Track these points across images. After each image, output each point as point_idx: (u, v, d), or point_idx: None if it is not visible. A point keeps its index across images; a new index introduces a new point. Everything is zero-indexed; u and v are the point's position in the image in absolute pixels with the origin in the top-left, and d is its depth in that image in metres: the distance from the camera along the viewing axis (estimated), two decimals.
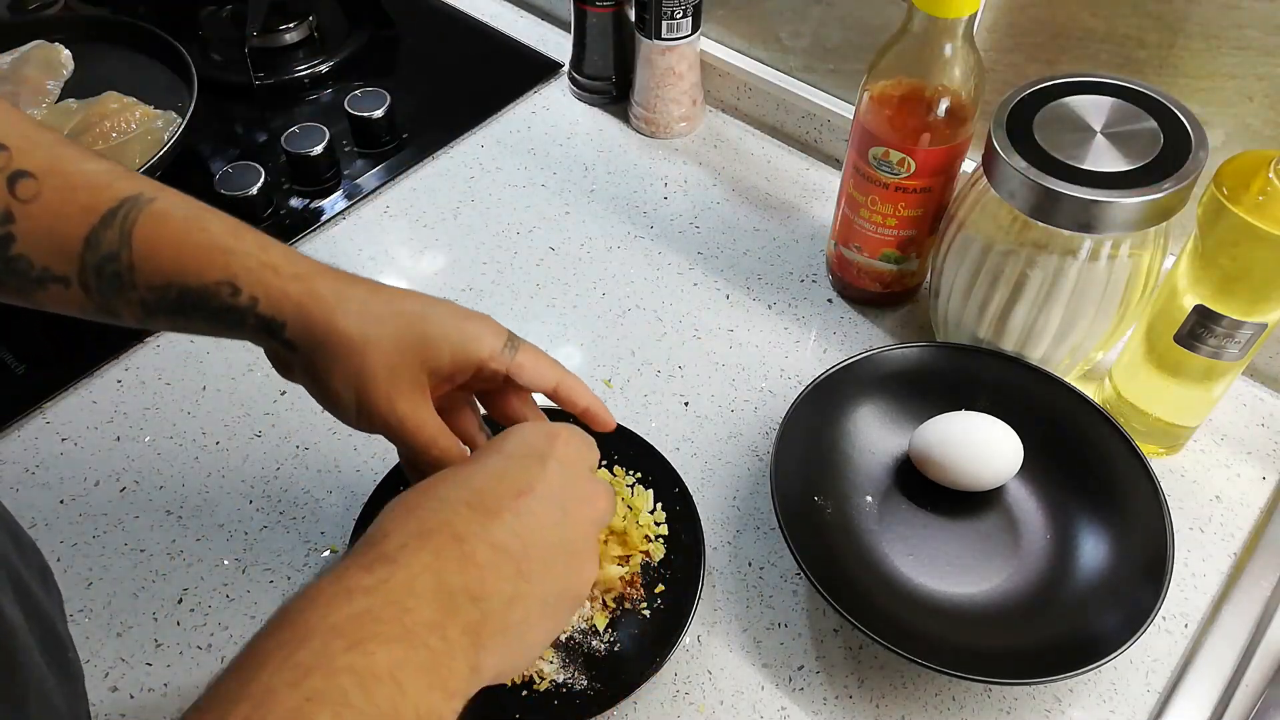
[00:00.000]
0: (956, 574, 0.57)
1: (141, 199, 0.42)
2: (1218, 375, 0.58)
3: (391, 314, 0.44)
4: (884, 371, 0.63)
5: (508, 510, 0.38)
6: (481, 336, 0.46)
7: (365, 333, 0.43)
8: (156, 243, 0.41)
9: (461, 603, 0.35)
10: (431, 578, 0.35)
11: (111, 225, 0.41)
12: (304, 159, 0.81)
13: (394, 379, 0.43)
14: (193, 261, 0.42)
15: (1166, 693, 0.55)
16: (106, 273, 0.41)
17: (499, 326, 0.47)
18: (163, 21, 0.90)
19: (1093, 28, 0.64)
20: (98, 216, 0.41)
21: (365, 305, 0.43)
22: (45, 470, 0.65)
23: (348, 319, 0.42)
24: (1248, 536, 0.61)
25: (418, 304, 0.45)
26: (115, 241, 0.41)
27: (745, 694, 0.55)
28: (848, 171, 0.66)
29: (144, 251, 0.41)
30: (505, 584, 0.36)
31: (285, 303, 0.42)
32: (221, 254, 0.42)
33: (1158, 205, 0.53)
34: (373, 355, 0.43)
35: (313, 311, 0.42)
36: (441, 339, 0.44)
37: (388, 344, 0.43)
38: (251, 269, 0.42)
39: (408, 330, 0.44)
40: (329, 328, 0.42)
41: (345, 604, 0.33)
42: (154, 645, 0.57)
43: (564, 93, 0.91)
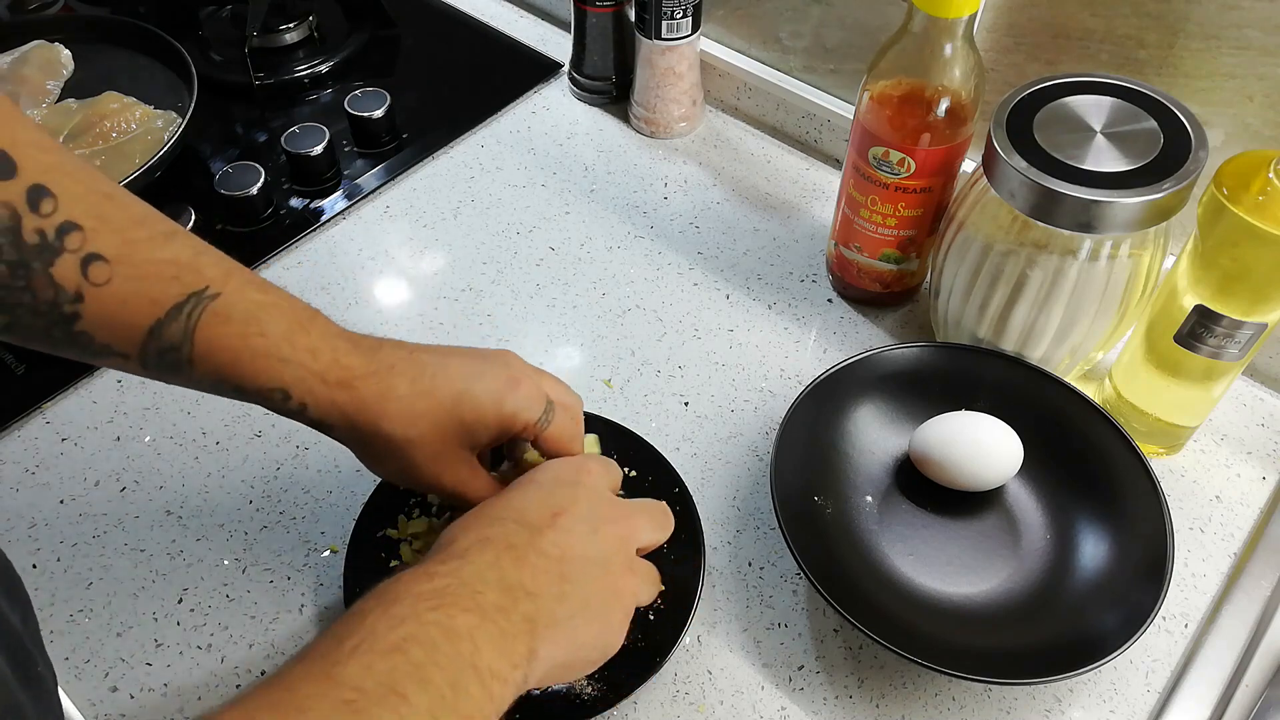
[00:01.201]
0: (956, 574, 0.57)
1: (206, 295, 0.43)
2: (1218, 375, 0.58)
3: (432, 411, 0.47)
4: (884, 371, 0.63)
5: (548, 527, 0.45)
6: (518, 415, 0.49)
7: (409, 434, 0.47)
8: (216, 343, 0.43)
9: (519, 595, 0.41)
10: (495, 572, 0.42)
11: (176, 320, 0.43)
12: (304, 159, 0.81)
13: (439, 464, 0.48)
14: (249, 368, 0.44)
15: (1166, 693, 0.55)
16: (166, 361, 0.43)
17: (538, 396, 0.50)
18: (163, 21, 0.90)
19: (1093, 28, 0.64)
20: (164, 310, 0.42)
21: (408, 406, 0.47)
22: (45, 470, 0.65)
23: (392, 425, 0.47)
24: (1248, 536, 0.61)
25: (459, 389, 0.48)
26: (178, 337, 0.43)
27: (745, 694, 0.55)
28: (848, 171, 0.66)
29: (204, 350, 0.43)
30: (552, 583, 0.43)
31: (332, 409, 0.46)
32: (276, 362, 0.44)
33: (1158, 205, 0.53)
34: (417, 451, 0.48)
35: (358, 418, 0.46)
36: (480, 423, 0.49)
37: (431, 438, 0.48)
38: (303, 379, 0.45)
39: (449, 420, 0.48)
40: (374, 432, 0.47)
41: (427, 581, 0.40)
42: (154, 645, 0.57)
43: (564, 93, 0.92)
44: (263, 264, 0.77)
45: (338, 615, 0.57)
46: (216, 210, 0.79)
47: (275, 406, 0.46)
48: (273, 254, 0.78)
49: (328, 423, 0.47)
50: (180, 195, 0.79)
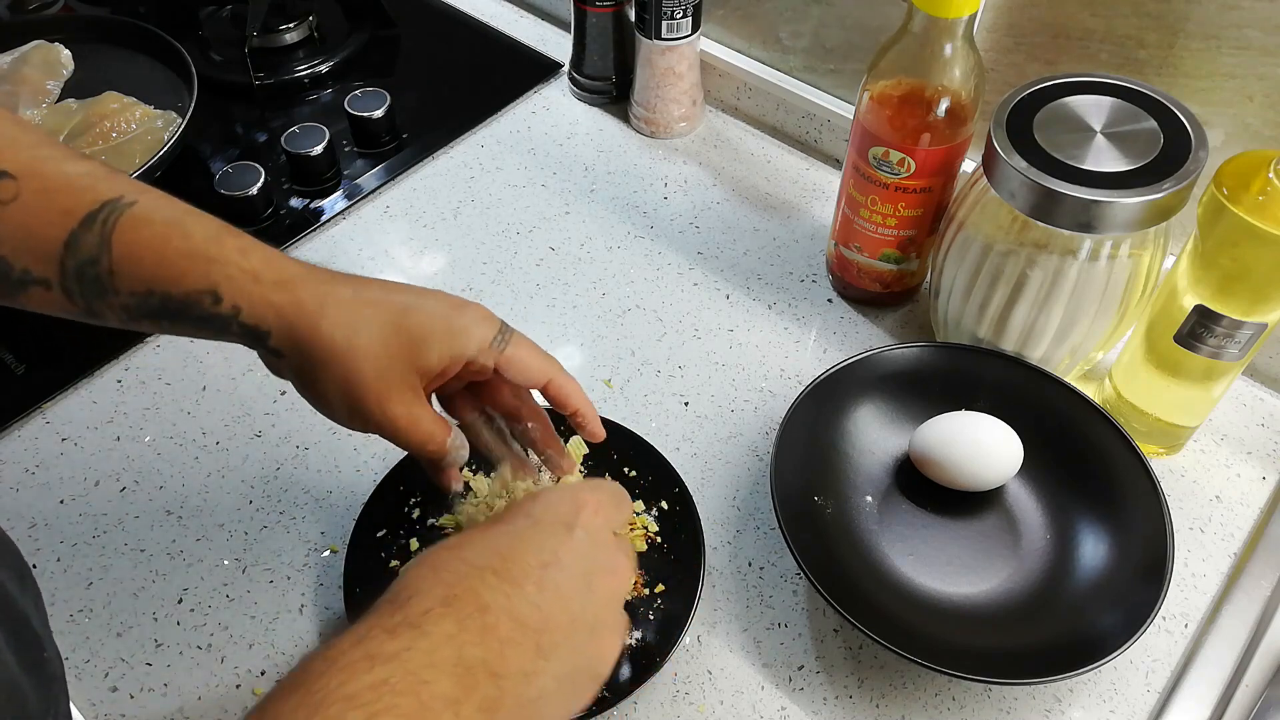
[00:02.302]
0: (956, 574, 0.57)
1: (121, 202, 0.41)
2: (1218, 375, 0.58)
3: (377, 316, 0.43)
4: (884, 371, 0.63)
5: (532, 581, 0.38)
6: (469, 330, 0.45)
7: (351, 339, 0.42)
8: (136, 248, 0.41)
9: (480, 678, 0.35)
10: (452, 650, 0.34)
11: (91, 229, 0.40)
12: (304, 159, 0.81)
13: (383, 382, 0.43)
14: (173, 269, 0.41)
15: (1166, 693, 0.55)
16: (87, 277, 0.41)
17: (490, 317, 0.47)
18: (163, 21, 0.90)
19: (1093, 28, 0.64)
20: (77, 220, 0.40)
21: (350, 311, 0.43)
22: (45, 470, 0.65)
23: (333, 326, 0.42)
24: (1248, 536, 0.61)
25: (404, 299, 0.44)
26: (95, 246, 0.40)
27: (745, 694, 0.55)
28: (848, 171, 0.66)
29: (124, 257, 0.41)
30: (525, 659, 0.36)
31: (268, 311, 0.42)
32: (203, 261, 0.41)
33: (1158, 205, 0.53)
34: (360, 361, 0.42)
35: (296, 320, 0.42)
36: (429, 336, 0.44)
37: (375, 348, 0.43)
38: (233, 277, 0.41)
39: (394, 332, 0.43)
40: (314, 336, 0.42)
41: (365, 672, 0.33)
42: (154, 645, 0.57)
43: (564, 93, 0.92)
44: None
45: (337, 615, 0.57)
46: (216, 210, 0.78)
47: (206, 317, 0.42)
48: None
49: (262, 328, 0.42)
50: (180, 195, 0.78)
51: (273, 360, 0.44)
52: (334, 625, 0.57)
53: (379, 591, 0.55)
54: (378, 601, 0.37)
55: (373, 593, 0.55)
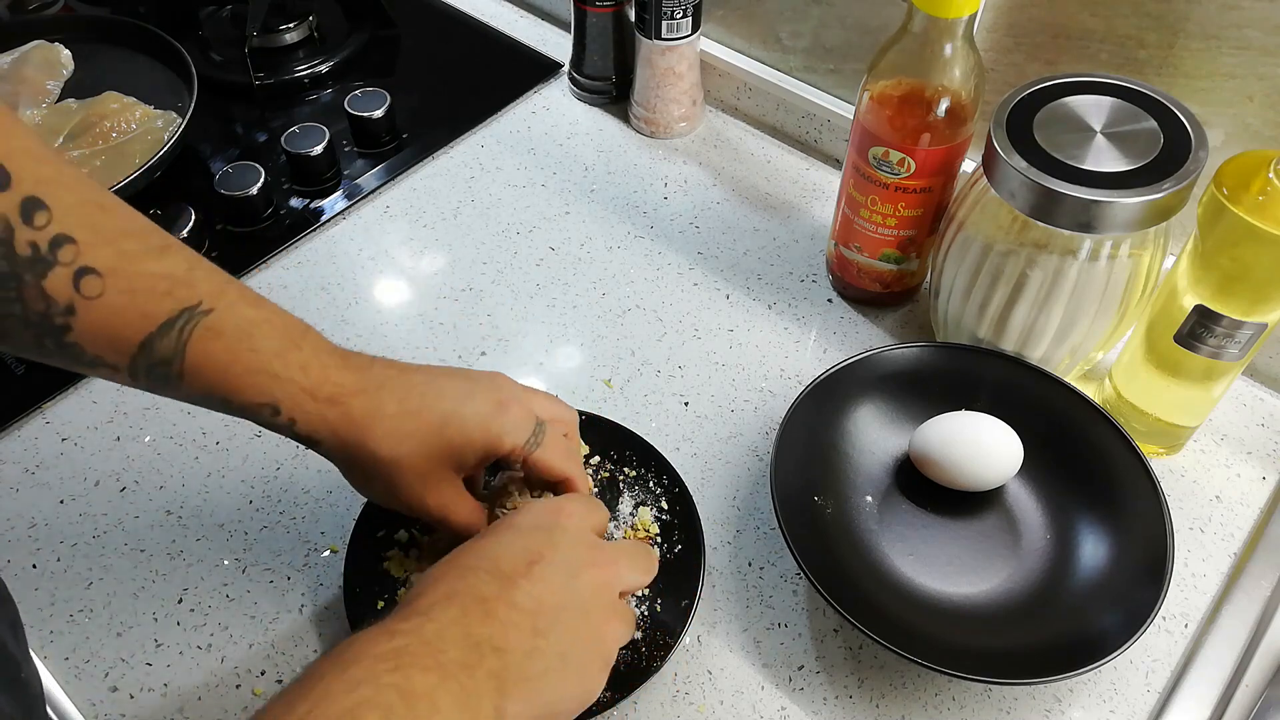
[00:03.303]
0: (956, 574, 0.57)
1: (198, 311, 0.43)
2: (1218, 375, 0.58)
3: (420, 430, 0.47)
4: (884, 371, 0.63)
5: (523, 576, 0.43)
6: (505, 436, 0.49)
7: (395, 452, 0.47)
8: (207, 359, 0.43)
9: (486, 651, 0.39)
10: (459, 629, 0.40)
11: (168, 335, 0.42)
12: (304, 159, 0.81)
13: (423, 484, 0.48)
14: (239, 382, 0.44)
15: (1166, 693, 0.55)
16: (156, 375, 0.43)
17: (529, 418, 0.50)
18: (163, 21, 0.90)
19: (1093, 28, 0.64)
20: (155, 325, 0.42)
21: (396, 425, 0.47)
22: (45, 470, 0.65)
23: (379, 442, 0.46)
24: (1248, 536, 0.61)
25: (447, 408, 0.48)
26: (169, 351, 0.43)
27: (745, 694, 0.55)
28: (848, 171, 0.66)
29: (195, 365, 0.43)
30: (524, 638, 0.41)
31: (321, 425, 0.46)
32: (266, 378, 0.44)
33: (1158, 205, 0.53)
34: (404, 471, 0.47)
35: (346, 436, 0.46)
36: (468, 446, 0.48)
37: (418, 459, 0.47)
38: (292, 395, 0.45)
39: (437, 442, 0.47)
40: (362, 449, 0.47)
41: (387, 640, 0.38)
42: (154, 645, 0.57)
43: (564, 93, 0.92)
44: (262, 264, 0.77)
45: (337, 615, 0.57)
46: (216, 210, 0.79)
47: (264, 421, 0.46)
48: (273, 254, 0.77)
49: (315, 438, 0.46)
50: (180, 195, 0.79)
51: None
52: (334, 625, 0.57)
53: (379, 591, 0.56)
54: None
55: (373, 593, 0.55)
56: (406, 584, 0.56)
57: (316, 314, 0.73)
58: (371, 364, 0.48)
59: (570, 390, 0.69)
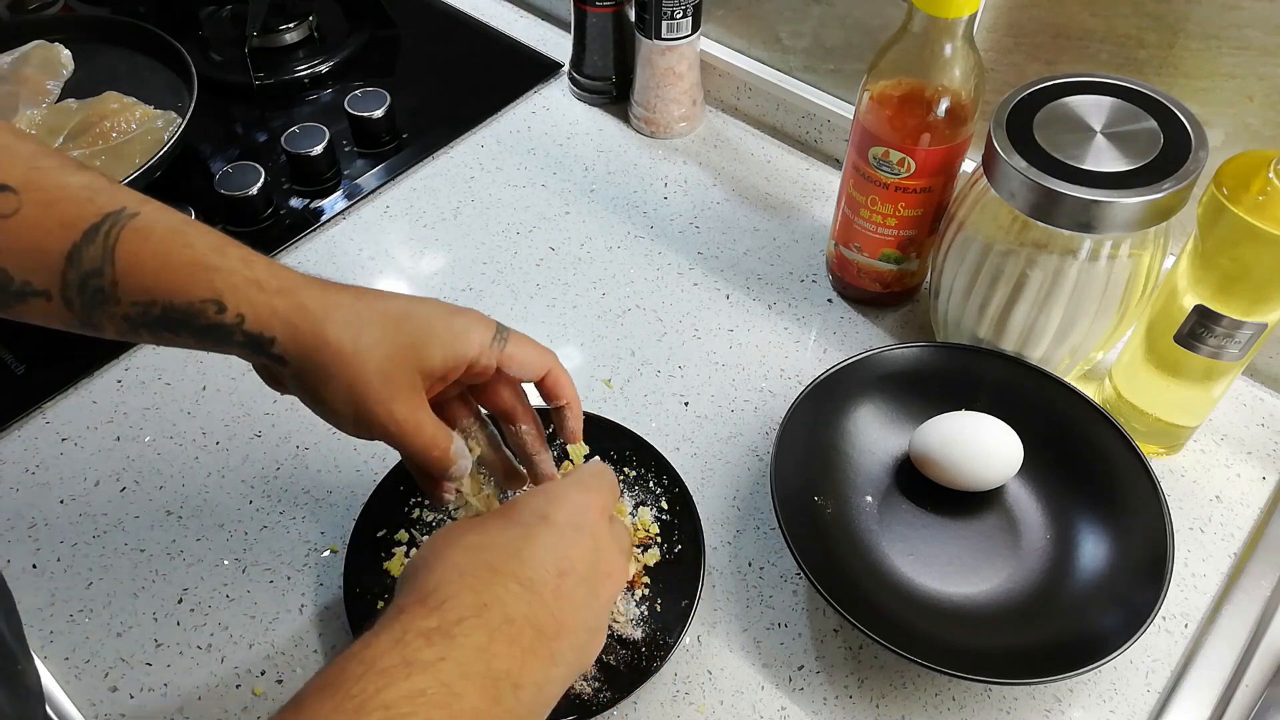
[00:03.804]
0: (956, 574, 0.57)
1: (124, 214, 0.41)
2: (1218, 375, 0.58)
3: (380, 320, 0.44)
4: (884, 371, 0.63)
5: (550, 590, 0.40)
6: (469, 331, 0.46)
7: (356, 342, 0.43)
8: (140, 259, 0.41)
9: (504, 689, 0.37)
10: (483, 663, 0.37)
11: (94, 241, 0.40)
12: (304, 159, 0.81)
13: (388, 385, 0.44)
14: (177, 278, 0.41)
15: (1166, 693, 0.55)
16: (89, 288, 0.41)
17: (487, 319, 0.48)
18: (163, 21, 0.90)
19: (1093, 28, 0.64)
20: (79, 232, 0.40)
21: (353, 314, 0.43)
22: (45, 470, 0.65)
23: (337, 330, 0.43)
24: (1248, 536, 0.61)
25: (404, 306, 0.45)
26: (98, 258, 0.40)
27: (745, 694, 0.55)
28: (848, 171, 0.66)
29: (127, 268, 0.41)
30: (540, 670, 0.39)
31: (272, 318, 0.42)
32: (206, 270, 0.41)
33: (1158, 205, 0.53)
34: (365, 364, 0.43)
35: (301, 325, 0.42)
36: (431, 339, 0.45)
37: (379, 351, 0.43)
38: (237, 285, 0.42)
39: (397, 334, 0.44)
40: (319, 340, 0.42)
41: (403, 679, 0.35)
42: (154, 645, 0.57)
43: (564, 93, 0.92)
44: None
45: (337, 615, 0.57)
46: (216, 210, 0.79)
47: (209, 326, 0.42)
48: (273, 254, 0.77)
49: (267, 334, 0.42)
50: (180, 195, 0.79)
51: (274, 371, 0.45)
52: (334, 625, 0.57)
53: (379, 592, 0.56)
54: (403, 597, 0.39)
55: (373, 593, 0.55)
56: None
57: None
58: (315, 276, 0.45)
59: None
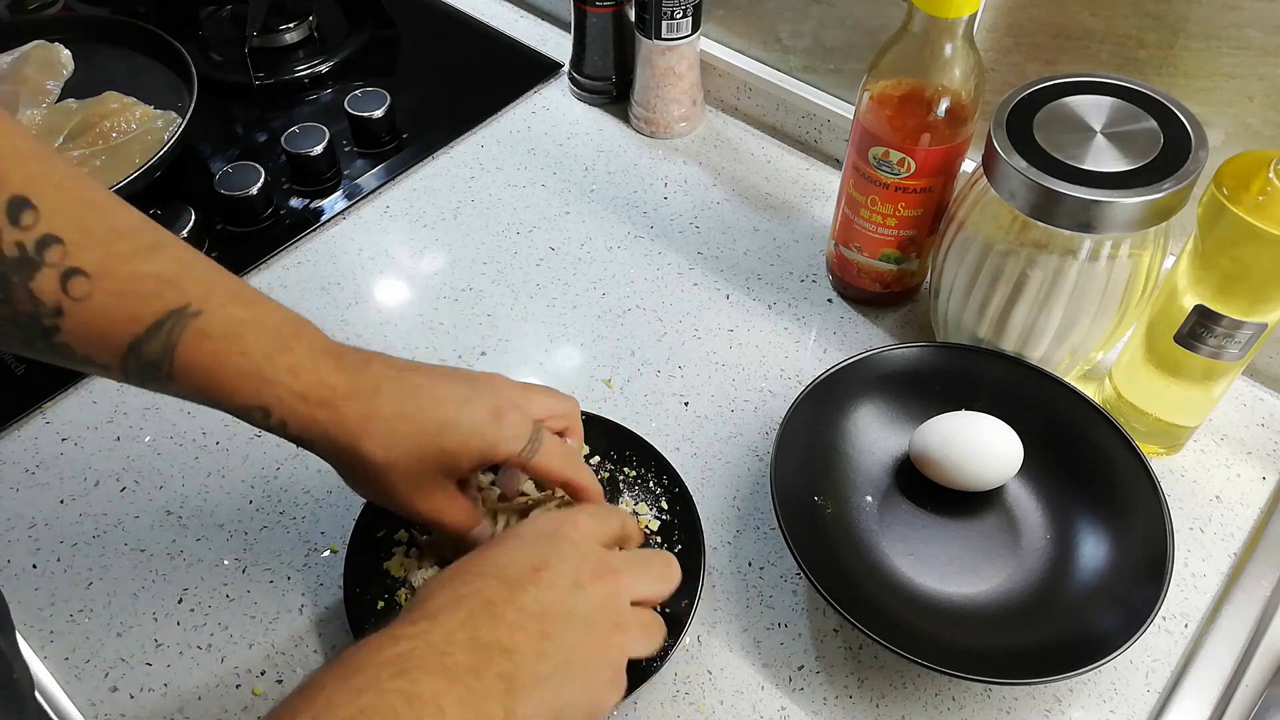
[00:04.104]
0: (956, 574, 0.57)
1: (187, 313, 0.42)
2: (1218, 375, 0.58)
3: (415, 434, 0.46)
4: (884, 371, 0.63)
5: (530, 583, 0.42)
6: (501, 445, 0.48)
7: (388, 456, 0.46)
8: (197, 361, 0.43)
9: (494, 654, 0.39)
10: (466, 632, 0.39)
11: (157, 337, 0.42)
12: (304, 159, 0.81)
13: (416, 490, 0.48)
14: (228, 385, 0.44)
15: (1166, 693, 0.55)
16: (147, 374, 0.43)
17: (525, 425, 0.50)
18: (163, 21, 0.90)
19: (1093, 28, 0.64)
20: (144, 327, 0.42)
21: (390, 429, 0.46)
22: (45, 470, 0.65)
23: (371, 445, 0.46)
24: (1248, 536, 0.61)
25: (443, 416, 0.47)
26: (158, 353, 0.42)
27: (745, 694, 0.55)
28: (848, 171, 0.66)
29: (184, 366, 0.43)
30: (532, 640, 0.40)
31: (313, 427, 0.45)
32: (256, 381, 0.44)
33: (1158, 205, 0.53)
34: (395, 473, 0.47)
35: (338, 438, 0.46)
36: (463, 452, 0.48)
37: (411, 463, 0.47)
38: (282, 397, 0.44)
39: (430, 448, 0.47)
40: (354, 452, 0.46)
41: (391, 645, 0.38)
42: (154, 645, 0.57)
43: (564, 93, 0.91)
44: (262, 264, 0.77)
45: (337, 615, 0.57)
46: (216, 210, 0.79)
47: (255, 423, 0.45)
48: (273, 254, 0.77)
49: (308, 440, 0.46)
50: (180, 195, 0.79)
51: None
52: (334, 625, 0.57)
53: (379, 592, 0.56)
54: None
55: (372, 593, 0.55)
56: (406, 584, 0.56)
57: (316, 314, 0.73)
58: (368, 364, 0.47)
59: (570, 390, 0.68)
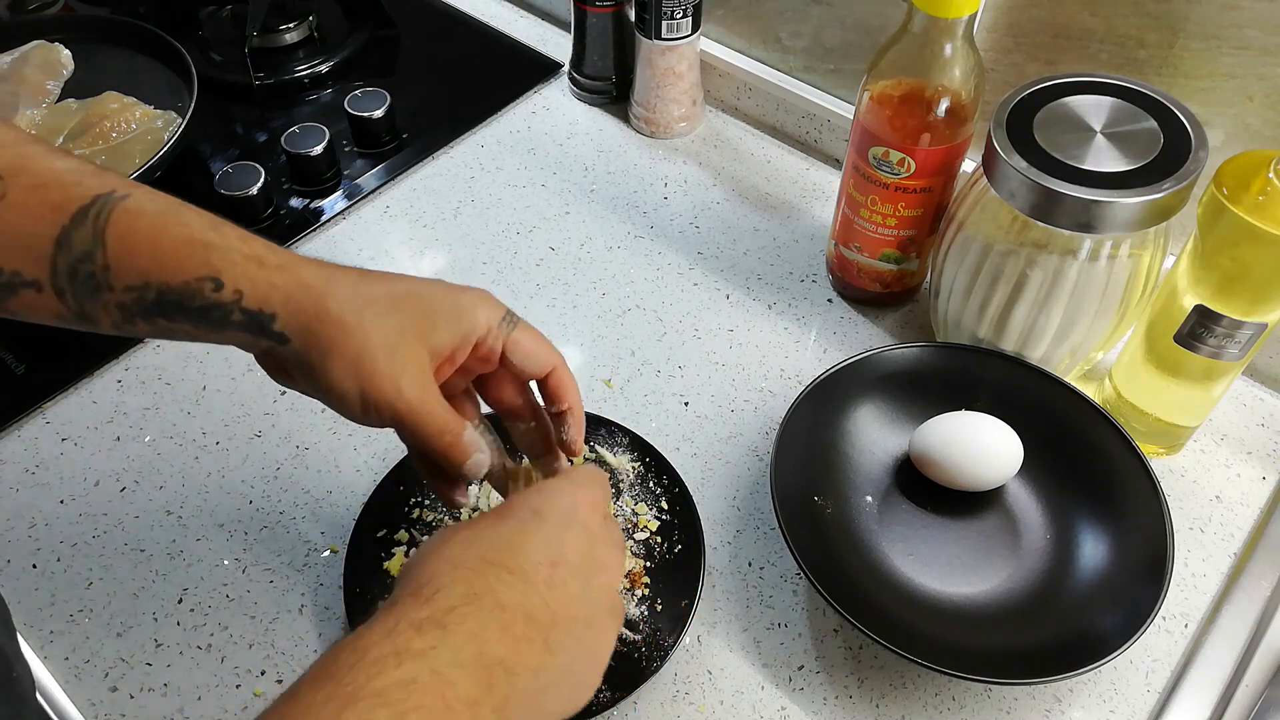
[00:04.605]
0: (956, 574, 0.57)
1: (114, 196, 0.40)
2: (1218, 375, 0.58)
3: (384, 295, 0.42)
4: (884, 371, 0.63)
5: (543, 579, 0.39)
6: (477, 309, 0.45)
7: (361, 315, 0.41)
8: (132, 240, 0.39)
9: (497, 676, 0.36)
10: (474, 649, 0.36)
11: (83, 224, 0.39)
12: (304, 159, 0.81)
13: (395, 360, 0.42)
14: (172, 257, 0.40)
15: (1166, 693, 0.55)
16: (81, 274, 0.39)
17: (495, 300, 0.46)
18: (163, 21, 0.90)
19: (1093, 28, 0.64)
20: (68, 215, 0.39)
21: (356, 288, 0.42)
22: (45, 470, 0.65)
23: (339, 304, 0.41)
24: (1248, 536, 0.61)
25: (409, 284, 0.44)
26: (88, 240, 0.39)
27: (745, 694, 0.55)
28: (848, 171, 0.66)
29: (119, 250, 0.39)
30: (534, 657, 0.38)
31: (273, 293, 0.41)
32: (201, 248, 0.40)
33: (1158, 205, 0.53)
34: (371, 337, 0.41)
35: (303, 300, 0.41)
36: (438, 315, 0.43)
37: (385, 324, 0.42)
38: (235, 261, 0.40)
39: (404, 307, 0.42)
40: (322, 314, 0.41)
41: (394, 668, 0.34)
42: (154, 645, 0.57)
43: (564, 93, 0.92)
44: None
45: (337, 615, 0.57)
46: (216, 210, 0.78)
47: (208, 305, 0.40)
48: None
49: (267, 312, 0.41)
50: (180, 195, 0.78)
51: (276, 354, 0.43)
52: (334, 625, 0.57)
53: (379, 592, 0.56)
54: (398, 591, 0.38)
55: (373, 592, 0.55)
56: None
57: None
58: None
59: None
